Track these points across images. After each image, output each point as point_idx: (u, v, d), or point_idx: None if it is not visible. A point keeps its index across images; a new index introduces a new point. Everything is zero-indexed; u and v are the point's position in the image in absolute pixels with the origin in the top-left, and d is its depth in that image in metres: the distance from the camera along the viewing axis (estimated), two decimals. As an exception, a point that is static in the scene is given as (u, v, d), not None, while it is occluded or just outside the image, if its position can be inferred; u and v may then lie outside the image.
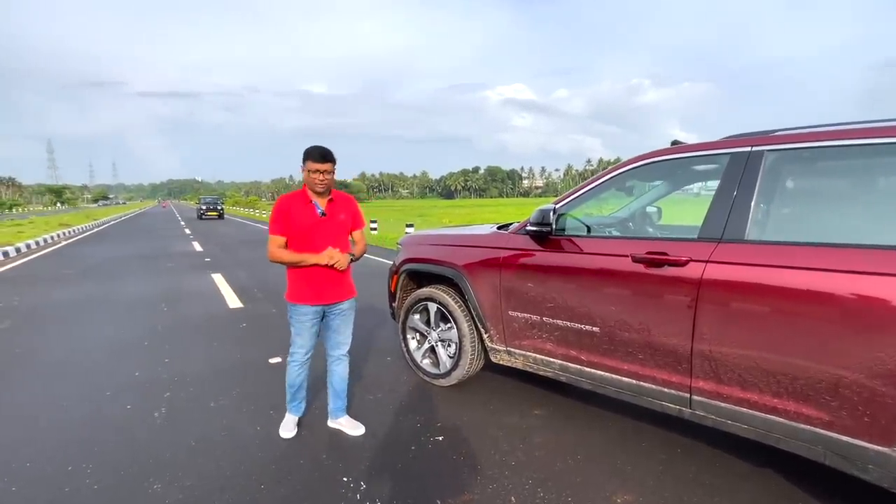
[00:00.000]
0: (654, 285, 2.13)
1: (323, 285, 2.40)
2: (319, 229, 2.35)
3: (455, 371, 3.07)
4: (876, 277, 1.59)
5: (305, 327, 2.44)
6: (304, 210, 2.34)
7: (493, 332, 2.85)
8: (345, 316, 2.55)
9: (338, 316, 2.53)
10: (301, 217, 2.32)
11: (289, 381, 2.54)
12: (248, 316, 5.09)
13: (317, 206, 2.36)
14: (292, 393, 2.56)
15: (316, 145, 2.30)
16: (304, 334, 2.45)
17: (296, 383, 2.54)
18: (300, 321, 2.43)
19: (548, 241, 2.55)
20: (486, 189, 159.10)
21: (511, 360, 2.83)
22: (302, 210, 2.33)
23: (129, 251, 11.86)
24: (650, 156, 2.37)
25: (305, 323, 2.43)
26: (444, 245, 3.15)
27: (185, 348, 4.04)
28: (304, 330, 2.44)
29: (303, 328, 2.44)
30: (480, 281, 2.84)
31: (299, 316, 2.43)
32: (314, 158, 2.26)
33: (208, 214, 28.79)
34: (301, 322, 2.43)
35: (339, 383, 2.61)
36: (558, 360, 2.57)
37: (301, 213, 2.33)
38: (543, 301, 2.55)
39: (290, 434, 2.52)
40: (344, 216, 2.44)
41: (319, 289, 2.40)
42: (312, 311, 2.43)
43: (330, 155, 2.29)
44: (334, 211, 2.41)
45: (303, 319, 2.43)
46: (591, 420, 2.69)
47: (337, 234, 2.42)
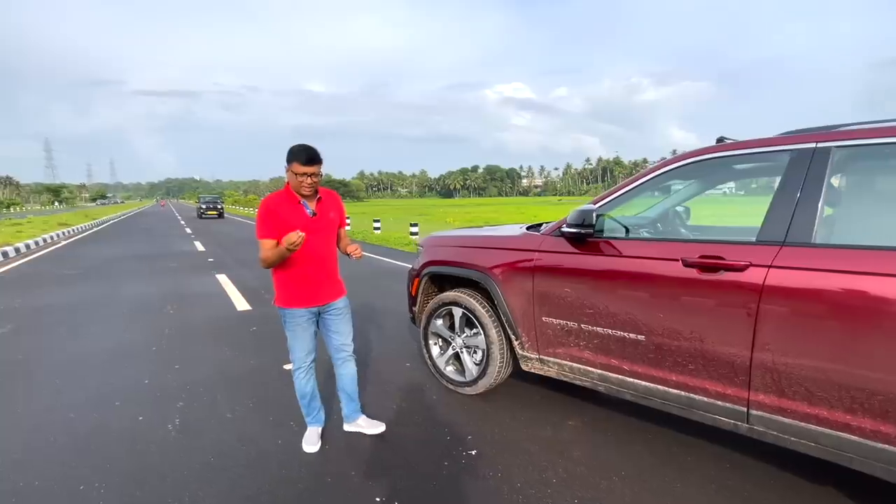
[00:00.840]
0: (708, 291, 1.99)
1: (315, 286, 2.31)
2: (310, 230, 2.19)
3: (482, 379, 2.92)
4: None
5: (302, 331, 2.34)
6: (293, 211, 2.21)
7: (525, 339, 2.71)
8: (342, 315, 2.46)
9: (335, 316, 2.43)
10: (290, 219, 2.19)
11: (298, 391, 2.42)
12: (257, 319, 4.94)
13: (306, 207, 2.24)
14: (306, 404, 2.45)
15: (301, 144, 2.13)
16: (301, 339, 2.35)
17: (306, 392, 2.42)
18: (295, 326, 2.33)
19: (587, 243, 2.41)
20: (485, 188, 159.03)
21: (544, 369, 2.68)
22: (291, 211, 2.20)
23: (130, 251, 11.69)
24: (698, 153, 2.22)
25: (301, 326, 2.33)
26: (470, 247, 3.01)
27: (194, 354, 3.89)
28: (301, 334, 2.34)
29: (299, 332, 2.33)
30: (511, 285, 2.70)
31: (294, 320, 2.32)
32: (301, 161, 2.10)
33: (208, 213, 28.60)
34: (296, 326, 2.33)
35: (349, 384, 2.52)
36: (597, 370, 2.43)
37: (290, 215, 2.19)
38: (582, 307, 2.41)
39: (314, 448, 2.39)
40: (333, 214, 2.36)
41: (312, 290, 2.31)
42: (307, 314, 2.33)
43: (317, 156, 2.14)
44: (324, 210, 2.31)
45: (298, 323, 2.32)
46: (631, 433, 2.55)
47: (328, 234, 2.33)
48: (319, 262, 2.31)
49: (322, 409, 2.54)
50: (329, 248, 2.36)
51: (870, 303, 1.61)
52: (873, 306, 1.60)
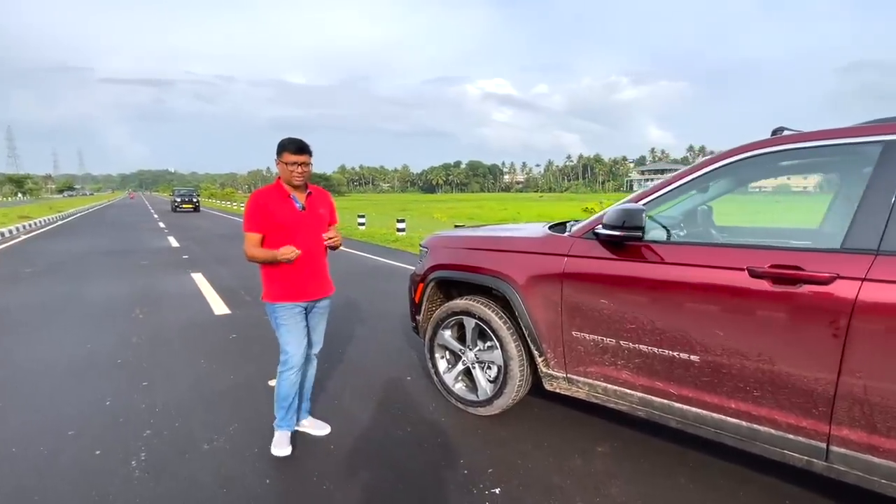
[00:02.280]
0: (782, 307, 1.70)
1: (304, 281, 2.28)
2: (300, 225, 2.23)
3: (498, 399, 2.59)
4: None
5: (295, 325, 2.27)
6: (283, 205, 2.21)
7: (550, 356, 2.38)
8: (322, 314, 2.46)
9: (316, 314, 2.42)
10: (280, 212, 2.20)
11: (282, 393, 2.32)
12: (238, 324, 4.50)
13: (295, 201, 2.24)
14: (286, 406, 2.34)
15: (290, 137, 2.19)
16: (296, 333, 2.28)
17: (290, 395, 2.32)
18: (289, 321, 2.26)
19: (626, 247, 2.09)
20: (467, 184, 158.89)
21: (571, 390, 2.37)
22: (280, 205, 2.20)
23: (97, 247, 10.95)
24: (759, 146, 1.92)
25: (294, 321, 2.27)
26: (484, 249, 2.66)
27: (166, 367, 3.44)
28: (294, 328, 2.27)
29: (293, 328, 2.27)
30: (535, 294, 2.37)
31: (285, 313, 2.26)
32: (291, 150, 2.15)
33: (183, 207, 27.49)
34: (290, 321, 2.26)
35: (310, 384, 2.51)
36: (638, 393, 2.12)
37: (279, 209, 2.20)
38: (622, 321, 2.09)
39: (285, 452, 2.28)
40: (323, 210, 2.34)
41: (301, 285, 2.27)
42: (298, 308, 2.29)
43: (307, 146, 2.20)
44: (313, 205, 2.30)
45: (292, 317, 2.27)
46: (669, 461, 2.25)
47: (317, 229, 2.29)
48: (308, 257, 2.26)
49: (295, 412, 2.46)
50: (318, 243, 2.30)
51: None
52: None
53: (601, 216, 2.24)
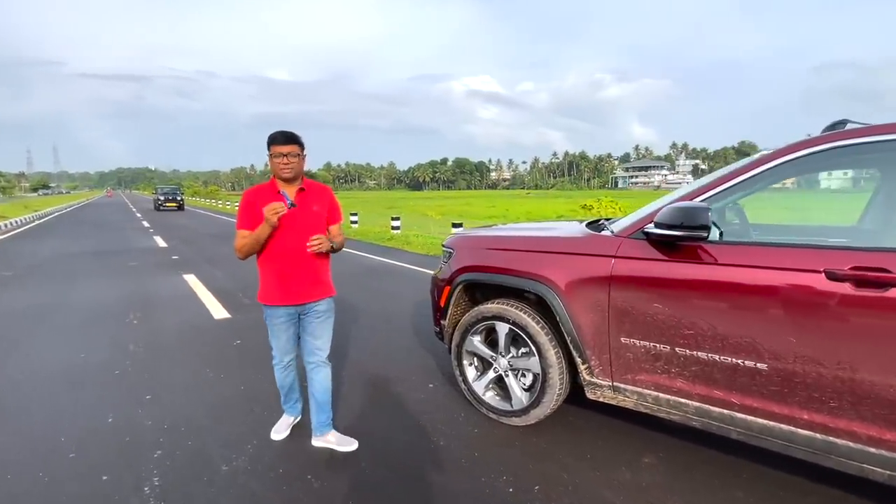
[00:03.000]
0: (867, 312, 1.58)
1: (294, 283, 2.18)
2: (290, 223, 2.12)
3: (536, 409, 2.44)
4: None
5: (279, 331, 2.26)
6: (272, 202, 2.08)
7: (595, 364, 2.24)
8: (321, 319, 2.31)
9: (313, 319, 2.29)
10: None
11: (277, 382, 2.42)
12: (240, 329, 4.27)
13: (286, 197, 2.13)
14: (284, 393, 2.46)
15: (279, 130, 2.12)
16: (278, 338, 2.27)
17: (285, 384, 2.42)
18: (273, 324, 2.26)
19: (681, 248, 1.96)
20: (454, 181, 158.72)
21: (617, 398, 2.23)
22: (269, 202, 2.08)
23: (80, 247, 10.50)
24: (833, 138, 1.80)
25: (278, 325, 2.24)
26: (520, 250, 2.50)
27: (169, 378, 3.22)
28: (278, 333, 2.26)
29: (276, 332, 2.26)
30: (579, 298, 2.22)
31: (272, 318, 2.25)
32: (278, 141, 2.09)
33: (167, 206, 26.77)
34: (274, 325, 2.25)
35: (321, 394, 2.36)
36: (695, 402, 1.99)
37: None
38: (678, 327, 1.96)
39: (280, 436, 2.40)
40: (318, 208, 2.21)
41: (290, 287, 2.18)
42: (285, 313, 2.23)
43: (295, 137, 2.13)
44: (306, 202, 2.19)
45: (276, 322, 2.24)
46: (724, 473, 2.13)
47: (310, 228, 2.16)
48: (298, 259, 2.16)
49: (300, 400, 2.53)
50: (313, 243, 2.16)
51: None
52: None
53: (649, 214, 2.11)
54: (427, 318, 4.62)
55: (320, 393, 2.35)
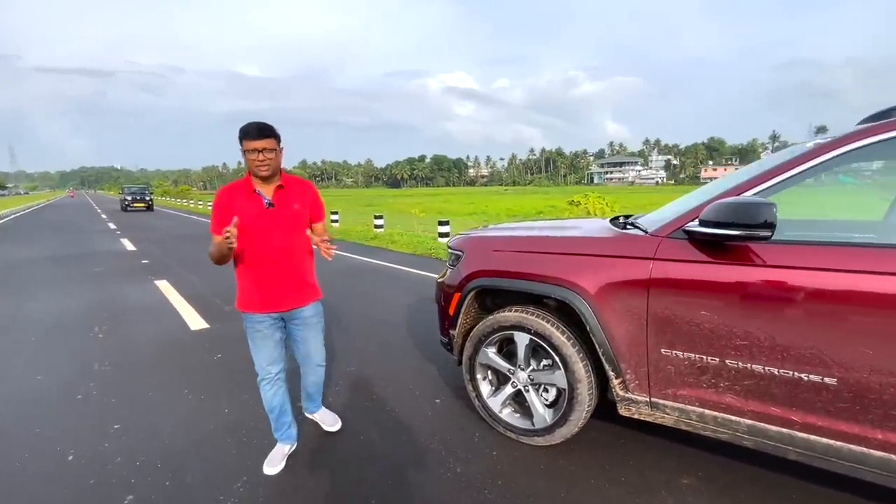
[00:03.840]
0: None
1: (276, 288, 2.03)
2: (266, 223, 1.97)
3: (562, 428, 2.21)
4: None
5: (262, 339, 2.07)
6: (248, 201, 1.96)
7: (630, 378, 2.02)
8: (310, 325, 2.17)
9: (301, 325, 2.15)
10: (244, 210, 1.93)
11: (266, 405, 2.16)
12: (221, 341, 3.90)
13: (262, 196, 1.97)
14: (274, 418, 2.18)
15: (252, 122, 1.90)
16: (261, 347, 2.08)
17: (274, 405, 2.15)
18: (254, 333, 2.07)
19: (732, 248, 1.75)
20: (432, 178, 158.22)
21: (654, 416, 2.02)
22: (245, 202, 1.96)
23: (39, 252, 9.77)
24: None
25: (261, 333, 2.06)
26: (542, 252, 2.25)
27: (142, 402, 2.85)
28: (260, 343, 2.07)
29: (259, 341, 2.07)
30: (612, 306, 1.99)
31: (252, 326, 2.06)
32: (250, 135, 1.88)
33: (134, 206, 25.55)
34: (256, 333, 2.06)
35: (312, 387, 2.35)
36: (746, 420, 1.79)
37: (244, 206, 1.95)
38: (729, 337, 1.75)
39: (274, 469, 2.09)
40: (299, 206, 2.05)
41: (272, 293, 2.03)
42: (268, 320, 2.06)
43: (269, 129, 1.91)
44: (285, 200, 2.02)
45: (257, 329, 2.05)
46: (773, 494, 1.95)
47: (289, 228, 2.02)
48: (278, 261, 2.02)
49: (293, 424, 2.25)
50: (291, 244, 2.04)
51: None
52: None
53: (690, 212, 1.90)
54: (423, 322, 4.36)
55: (314, 388, 2.36)
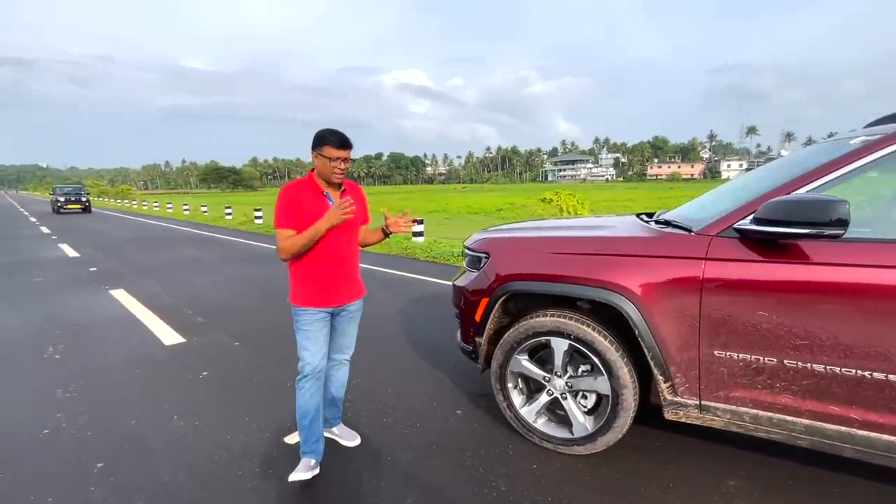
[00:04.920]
0: None
1: (335, 285, 2.10)
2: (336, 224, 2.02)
3: (605, 435, 2.13)
4: None
5: (316, 331, 2.08)
6: (315, 202, 2.01)
7: (680, 381, 1.96)
8: (354, 318, 2.25)
9: (346, 318, 2.21)
10: (312, 210, 1.99)
11: (301, 408, 2.07)
12: (203, 357, 3.55)
13: (329, 199, 2.05)
14: (306, 426, 2.08)
15: (331, 129, 1.99)
16: (315, 339, 2.08)
17: (310, 409, 2.07)
18: (309, 327, 2.08)
19: (788, 246, 1.72)
20: (389, 176, 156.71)
21: (703, 418, 1.97)
22: (313, 202, 2.01)
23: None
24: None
25: (317, 326, 2.09)
26: (583, 254, 2.15)
27: (125, 433, 2.50)
28: (314, 334, 2.08)
29: (313, 333, 2.08)
30: (662, 307, 1.92)
31: (307, 318, 2.07)
32: (333, 144, 1.96)
33: (69, 207, 23.40)
34: (311, 327, 2.08)
35: (338, 390, 2.32)
36: (804, 420, 1.77)
37: (312, 206, 2.00)
38: (788, 336, 1.72)
39: (299, 476, 2.00)
40: (357, 209, 2.07)
41: (332, 289, 2.09)
42: (323, 314, 2.10)
43: (350, 141, 2.01)
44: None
45: (312, 322, 2.08)
46: (818, 490, 1.95)
47: (351, 229, 2.11)
48: (339, 260, 2.10)
49: (322, 439, 2.15)
50: (350, 245, 2.14)
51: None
52: None
53: (740, 209, 1.86)
54: (414, 325, 4.18)
55: (338, 389, 2.32)
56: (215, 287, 6.03)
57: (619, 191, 47.90)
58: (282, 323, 4.36)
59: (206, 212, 20.56)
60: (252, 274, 6.97)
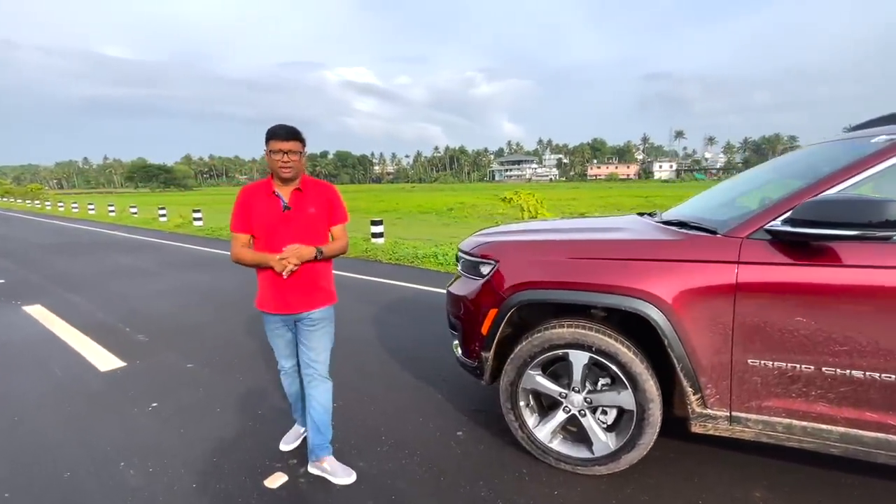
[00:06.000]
0: None
1: (288, 292, 2.00)
2: (283, 226, 1.97)
3: (630, 453, 1.98)
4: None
5: (276, 337, 2.13)
6: (266, 203, 1.97)
7: (710, 392, 1.85)
8: (315, 328, 2.08)
9: (307, 328, 2.08)
10: (262, 211, 1.96)
11: (286, 391, 2.28)
12: (149, 383, 3.04)
13: (280, 198, 1.97)
14: (292, 402, 2.33)
15: (279, 123, 1.95)
16: (277, 346, 2.14)
17: (291, 393, 2.28)
18: (269, 331, 2.13)
19: (824, 249, 1.65)
20: (336, 175, 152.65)
21: (732, 430, 1.87)
22: (263, 203, 1.97)
23: None
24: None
25: (275, 332, 2.11)
26: (603, 259, 1.97)
27: (52, 489, 2.02)
28: (276, 340, 2.13)
29: (274, 339, 2.13)
30: (693, 315, 1.80)
31: (268, 325, 2.11)
32: (278, 136, 1.92)
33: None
34: (272, 332, 2.12)
35: (318, 414, 2.10)
36: (839, 428, 1.71)
37: (262, 207, 1.97)
38: (827, 342, 1.65)
39: (289, 446, 2.29)
40: (315, 209, 2.02)
41: (284, 296, 2.01)
42: (280, 321, 2.07)
43: (296, 132, 1.95)
44: (302, 203, 2.00)
45: (272, 328, 2.10)
46: (848, 495, 1.92)
47: (306, 232, 1.99)
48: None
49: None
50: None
51: None
52: None
53: (768, 211, 1.78)
54: (390, 335, 3.89)
55: (318, 412, 2.09)
56: (157, 298, 5.35)
57: (562, 190, 49.52)
58: (243, 338, 3.90)
59: (135, 213, 18.79)
60: (200, 282, 6.30)
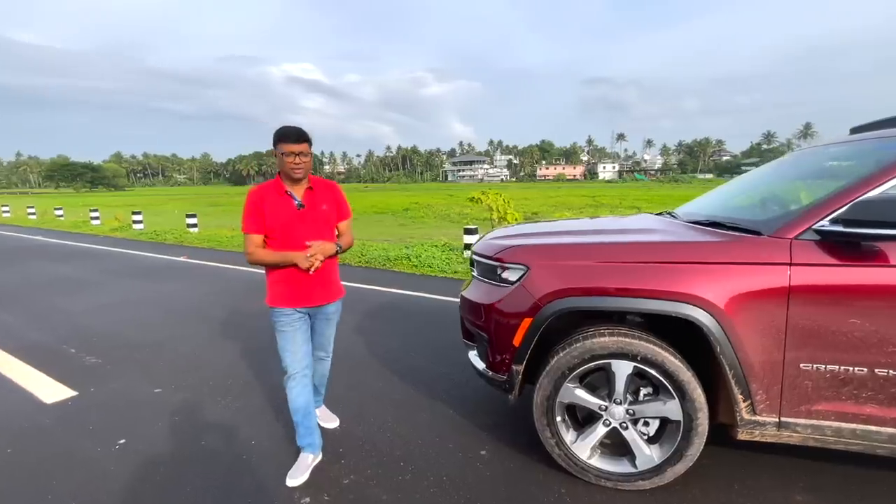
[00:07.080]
0: None
1: (307, 286, 2.07)
2: (299, 224, 2.04)
3: (676, 465, 1.89)
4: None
5: (292, 333, 2.10)
6: (279, 202, 2.02)
7: (760, 399, 1.78)
8: (331, 320, 2.27)
9: (323, 320, 2.23)
10: (276, 211, 2.01)
11: (292, 405, 2.11)
12: (110, 415, 2.61)
13: (293, 197, 2.04)
14: (299, 420, 2.12)
15: (287, 125, 2.00)
16: (293, 340, 2.10)
17: (300, 406, 2.10)
18: (285, 327, 2.09)
19: (876, 249, 1.62)
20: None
21: (780, 436, 1.82)
22: (276, 202, 2.02)
23: None
24: None
25: (292, 327, 2.09)
26: (647, 262, 1.85)
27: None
28: (292, 335, 2.10)
29: (290, 334, 2.09)
30: (745, 319, 1.73)
31: (282, 320, 2.09)
32: (289, 139, 1.96)
33: None
34: (287, 327, 2.09)
35: (319, 380, 2.38)
36: (889, 429, 1.71)
37: (275, 207, 2.01)
38: (881, 344, 1.63)
39: (297, 481, 2.01)
40: (326, 206, 2.12)
41: (304, 290, 2.08)
42: (297, 314, 2.10)
43: (306, 134, 2.01)
44: (314, 201, 2.09)
45: (288, 322, 2.09)
46: (874, 494, 1.92)
47: (320, 228, 2.09)
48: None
49: (318, 431, 2.19)
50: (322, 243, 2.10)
51: None
52: None
53: (814, 211, 1.74)
54: (386, 346, 3.64)
55: (319, 379, 2.35)
56: (104, 313, 4.73)
57: (513, 190, 50.39)
58: (215, 355, 3.49)
59: (61, 216, 16.97)
60: (153, 293, 5.65)
